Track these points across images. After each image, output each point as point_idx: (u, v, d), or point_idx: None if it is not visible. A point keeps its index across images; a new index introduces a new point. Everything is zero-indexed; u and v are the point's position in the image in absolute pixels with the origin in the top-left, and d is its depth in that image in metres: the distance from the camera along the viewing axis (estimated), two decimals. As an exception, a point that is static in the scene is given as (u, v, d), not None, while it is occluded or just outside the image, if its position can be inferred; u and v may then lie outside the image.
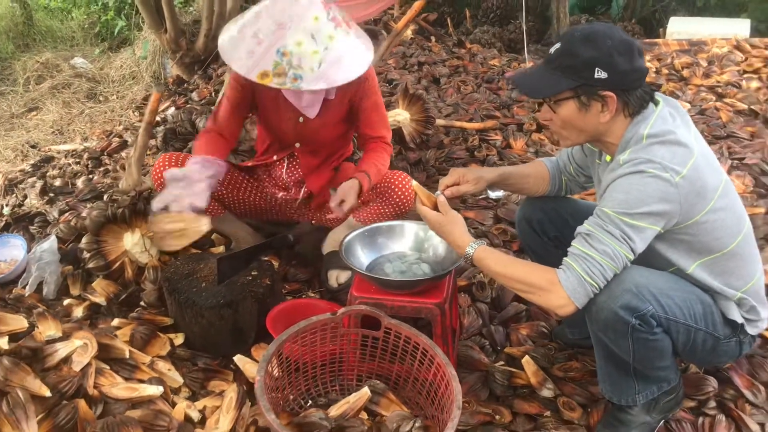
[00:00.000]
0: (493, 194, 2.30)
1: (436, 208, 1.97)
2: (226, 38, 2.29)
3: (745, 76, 5.01)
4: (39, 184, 4.35)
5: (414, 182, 2.03)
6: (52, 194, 4.13)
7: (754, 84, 4.82)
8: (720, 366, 2.21)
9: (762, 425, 2.05)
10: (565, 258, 1.76)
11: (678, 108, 1.85)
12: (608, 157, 1.92)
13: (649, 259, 1.79)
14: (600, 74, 1.70)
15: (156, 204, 2.23)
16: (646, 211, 1.67)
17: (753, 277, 1.90)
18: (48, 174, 4.77)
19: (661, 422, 2.04)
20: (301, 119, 2.58)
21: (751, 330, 1.92)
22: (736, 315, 1.87)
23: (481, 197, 3.35)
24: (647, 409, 2.00)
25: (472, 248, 1.87)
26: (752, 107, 4.44)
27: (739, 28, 6.26)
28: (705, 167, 1.74)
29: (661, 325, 1.78)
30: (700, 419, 2.08)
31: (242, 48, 2.20)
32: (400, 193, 2.62)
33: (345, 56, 2.24)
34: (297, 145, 2.68)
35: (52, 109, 6.27)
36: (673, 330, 1.80)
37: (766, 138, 3.99)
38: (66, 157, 5.14)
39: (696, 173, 1.70)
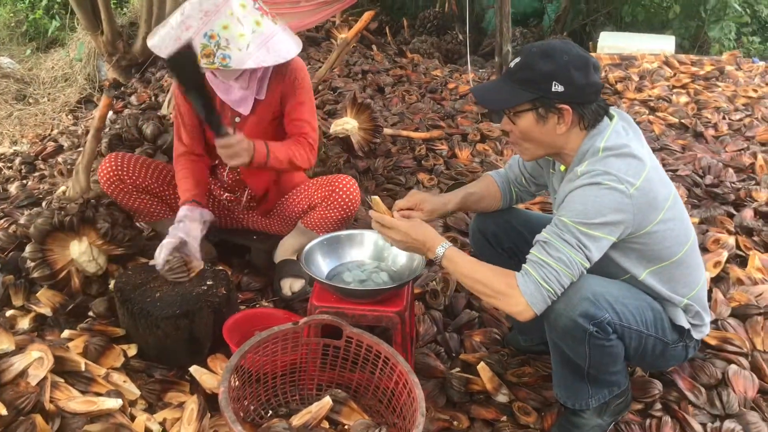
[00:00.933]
0: None
1: None
2: (155, 34, 2.38)
3: (675, 90, 5.24)
4: (-33, 189, 4.17)
5: (375, 197, 2.05)
6: (-18, 200, 3.96)
7: (683, 99, 5.05)
8: (662, 369, 2.31)
9: (704, 425, 2.15)
10: (523, 264, 1.82)
11: (631, 123, 1.94)
12: (562, 167, 1.99)
13: (604, 266, 1.87)
14: (557, 87, 1.77)
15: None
16: (602, 221, 1.74)
17: (698, 284, 2.00)
18: (-25, 178, 4.57)
19: (612, 424, 2.12)
20: (237, 119, 2.60)
21: (696, 335, 2.03)
22: (683, 321, 1.97)
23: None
24: (599, 412, 2.07)
25: (443, 248, 1.91)
26: (682, 121, 4.66)
27: (665, 44, 6.55)
28: (656, 179, 1.83)
29: (616, 332, 1.86)
30: (647, 421, 2.16)
31: (169, 37, 2.29)
32: (344, 196, 2.63)
33: (272, 40, 2.34)
34: None
35: (-23, 110, 6.01)
36: (626, 336, 1.88)
37: (697, 150, 4.20)
38: (-5, 161, 4.94)
39: (649, 185, 1.79)
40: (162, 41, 2.30)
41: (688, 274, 1.97)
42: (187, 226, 2.46)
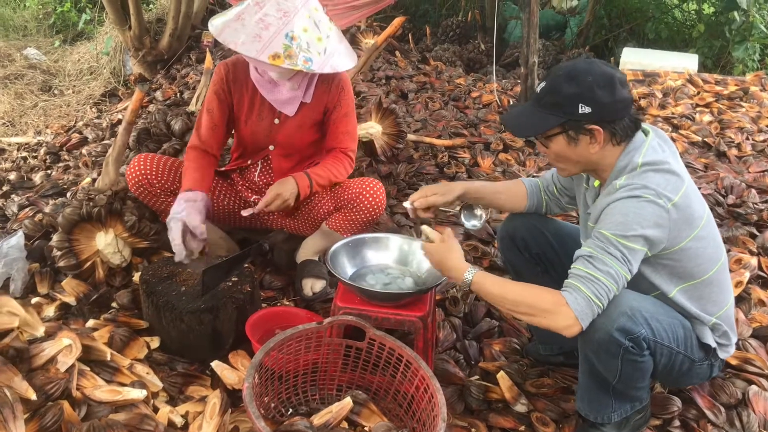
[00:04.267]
0: (468, 224, 2.35)
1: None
2: (219, 25, 2.35)
3: (698, 109, 5.23)
4: (-10, 176, 4.22)
5: (424, 227, 2.09)
6: (7, 188, 4.01)
7: (707, 118, 5.03)
8: (685, 386, 2.31)
9: (722, 444, 2.15)
10: (568, 280, 1.81)
11: (666, 140, 1.94)
12: (596, 183, 2.00)
13: (634, 282, 1.87)
14: (584, 109, 1.78)
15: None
16: (640, 233, 1.74)
17: (726, 304, 2.01)
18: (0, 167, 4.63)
19: (630, 440, 2.12)
20: (276, 121, 2.61)
21: (721, 354, 2.02)
22: (710, 339, 1.97)
23: (450, 214, 3.41)
24: (618, 427, 2.07)
25: (470, 274, 1.91)
26: (705, 140, 4.65)
27: (688, 62, 6.52)
28: (693, 196, 1.84)
29: (649, 348, 1.86)
30: (666, 437, 2.17)
31: (245, 33, 2.27)
32: (371, 199, 2.65)
33: (341, 46, 2.40)
34: (271, 147, 2.71)
35: (3, 99, 6.07)
36: (658, 352, 1.89)
37: (719, 170, 4.19)
38: (18, 150, 4.99)
39: (686, 201, 1.80)
40: (234, 33, 2.28)
41: (718, 293, 1.97)
42: (186, 213, 2.40)
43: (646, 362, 1.88)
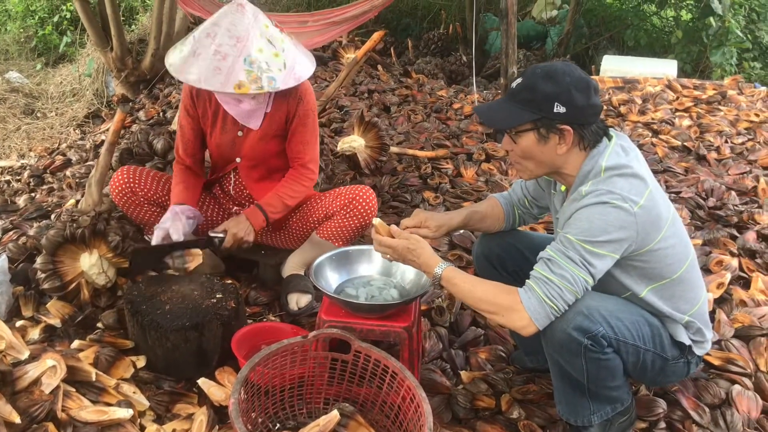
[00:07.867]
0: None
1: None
2: (177, 63, 2.39)
3: (677, 114, 5.29)
4: (-26, 200, 4.21)
5: (376, 219, 2.08)
6: (-10, 212, 4.00)
7: (686, 122, 5.10)
8: (666, 386, 2.33)
9: (708, 445, 2.17)
10: (527, 280, 1.85)
11: (630, 144, 1.98)
12: (563, 188, 2.02)
13: (605, 284, 1.91)
14: (559, 108, 1.81)
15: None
16: (606, 239, 1.77)
17: (698, 301, 2.02)
18: (-17, 191, 4.61)
19: (616, 443, 2.13)
20: (240, 133, 2.65)
21: (697, 351, 2.04)
22: (683, 337, 1.99)
23: None
24: (603, 430, 2.08)
25: (440, 268, 1.94)
26: (685, 144, 4.70)
27: (667, 68, 6.61)
28: (658, 198, 1.87)
29: (612, 346, 1.89)
30: (652, 439, 2.18)
31: (205, 68, 2.31)
32: (364, 204, 2.69)
33: (298, 55, 2.44)
34: (237, 160, 2.75)
35: (-15, 123, 6.07)
36: (623, 350, 1.91)
37: (699, 173, 4.23)
38: (2, 173, 4.98)
39: (651, 203, 1.82)
40: (197, 71, 2.32)
41: (689, 291, 1.99)
42: (171, 224, 2.55)
43: (611, 360, 1.90)
